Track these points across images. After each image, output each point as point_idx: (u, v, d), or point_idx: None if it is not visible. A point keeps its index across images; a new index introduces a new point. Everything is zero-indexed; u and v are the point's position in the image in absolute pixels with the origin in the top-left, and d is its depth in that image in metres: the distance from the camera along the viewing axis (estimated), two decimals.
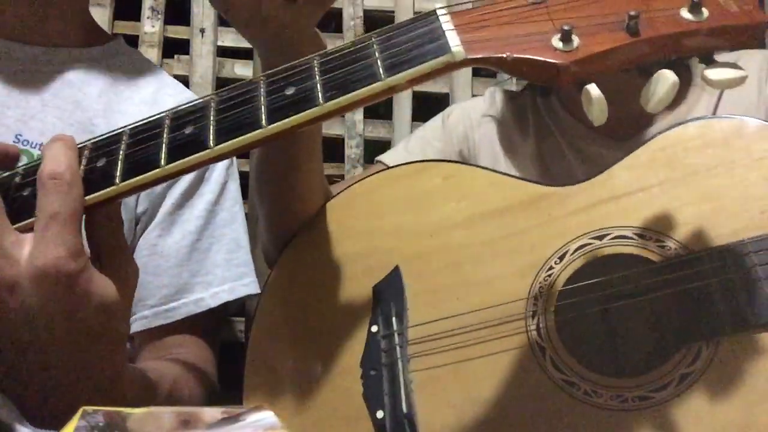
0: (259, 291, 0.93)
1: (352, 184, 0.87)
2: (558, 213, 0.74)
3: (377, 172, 0.89)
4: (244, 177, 1.28)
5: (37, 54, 0.86)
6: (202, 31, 1.37)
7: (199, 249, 0.91)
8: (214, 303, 0.90)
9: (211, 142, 0.48)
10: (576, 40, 0.47)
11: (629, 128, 0.90)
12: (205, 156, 0.48)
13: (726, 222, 0.67)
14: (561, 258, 0.72)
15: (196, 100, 0.52)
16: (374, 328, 0.77)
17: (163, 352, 0.87)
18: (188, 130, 0.49)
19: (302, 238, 0.85)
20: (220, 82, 1.36)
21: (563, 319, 0.69)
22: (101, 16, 1.32)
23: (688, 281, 0.65)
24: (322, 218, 0.85)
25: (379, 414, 0.72)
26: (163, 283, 0.89)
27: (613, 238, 0.70)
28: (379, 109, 1.40)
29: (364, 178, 0.88)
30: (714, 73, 0.48)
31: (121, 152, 0.51)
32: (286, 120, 0.48)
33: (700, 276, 0.65)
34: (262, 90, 0.50)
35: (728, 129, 0.71)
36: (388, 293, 0.78)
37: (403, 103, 1.37)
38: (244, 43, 1.39)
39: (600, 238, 0.71)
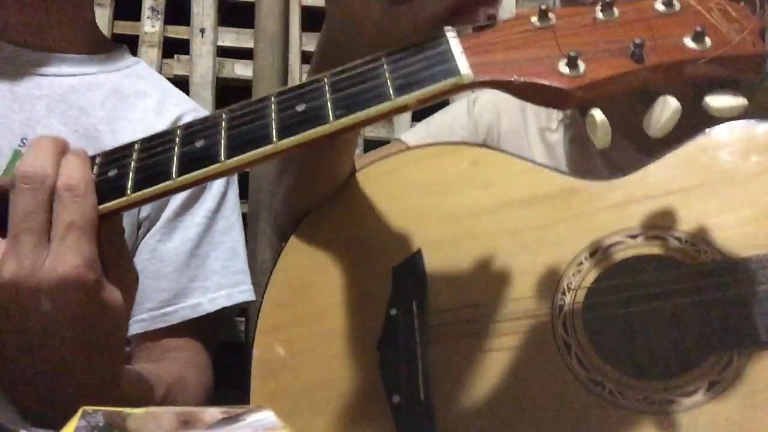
0: (254, 298, 0.96)
1: (375, 161, 0.86)
2: (590, 208, 0.72)
3: (401, 151, 0.87)
4: (243, 177, 1.27)
5: (42, 59, 0.87)
6: (202, 31, 1.37)
7: (198, 255, 0.94)
8: (211, 308, 0.93)
9: (222, 156, 0.50)
10: (582, 66, 0.48)
11: (666, 143, 0.87)
12: (215, 169, 0.50)
13: (765, 229, 0.65)
14: (591, 254, 0.70)
15: (207, 115, 0.54)
16: (393, 311, 0.75)
17: (160, 355, 0.89)
18: (199, 144, 0.51)
19: (319, 213, 0.84)
20: (220, 82, 1.37)
21: (591, 317, 0.67)
22: (101, 16, 1.33)
23: (723, 289, 0.64)
24: (341, 193, 0.84)
25: (395, 398, 0.71)
26: (162, 287, 0.92)
27: (646, 239, 0.68)
28: None
29: (387, 155, 0.87)
30: (715, 101, 0.50)
31: (132, 163, 0.52)
32: (296, 137, 0.49)
33: (735, 284, 0.63)
34: (273, 106, 0.51)
35: None
36: (409, 276, 0.76)
37: None
38: (244, 43, 1.39)
39: (633, 237, 0.69)
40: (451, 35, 0.52)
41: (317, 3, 1.39)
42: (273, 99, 0.52)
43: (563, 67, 0.49)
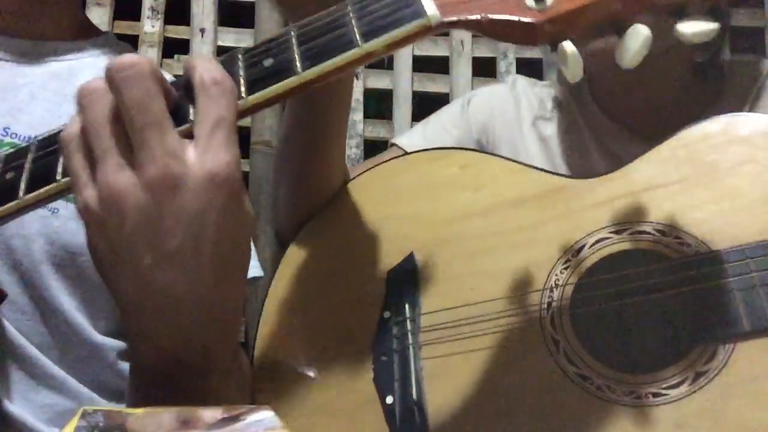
0: (262, 274, 0.93)
1: (370, 168, 0.87)
2: (576, 206, 0.74)
3: (394, 158, 0.88)
4: (243, 177, 1.28)
5: (25, 47, 0.85)
6: (202, 31, 1.37)
7: None
8: None
9: (191, 116, 0.48)
10: None
11: (662, 129, 0.88)
12: (187, 129, 0.47)
13: (748, 221, 0.65)
14: (578, 251, 0.71)
15: (175, 80, 0.52)
16: (386, 314, 0.76)
17: None
18: (174, 106, 0.49)
19: (315, 221, 0.85)
20: None
21: (578, 312, 0.68)
22: (101, 16, 1.33)
23: (707, 280, 0.65)
24: (337, 202, 0.85)
25: (389, 399, 0.72)
26: None
27: (631, 233, 0.69)
28: (379, 109, 1.40)
29: (381, 163, 0.88)
30: (687, 27, 0.49)
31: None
32: (265, 91, 0.48)
33: (720, 275, 0.64)
34: (240, 63, 0.50)
35: (753, 127, 0.70)
36: (402, 280, 0.77)
37: (403, 103, 1.38)
38: (244, 43, 1.39)
39: (618, 232, 0.70)
40: None
41: None
42: (240, 56, 0.50)
43: (530, 2, 0.48)
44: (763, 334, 0.61)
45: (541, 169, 0.79)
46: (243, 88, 0.48)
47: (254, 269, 0.93)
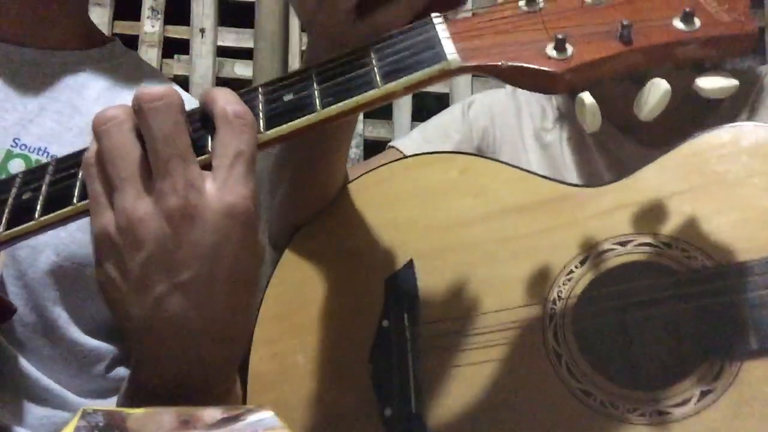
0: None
1: (367, 173, 0.86)
2: (581, 215, 0.72)
3: (392, 161, 0.87)
4: None
5: (34, 57, 0.85)
6: (202, 31, 1.38)
7: None
8: None
9: (209, 147, 0.48)
10: (570, 49, 0.48)
11: (664, 136, 0.88)
12: (205, 160, 0.48)
13: (756, 234, 0.64)
14: (582, 262, 0.69)
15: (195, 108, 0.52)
16: (385, 323, 0.75)
17: None
18: (192, 137, 0.50)
19: (312, 226, 0.84)
20: (220, 82, 1.38)
21: (582, 326, 0.67)
22: (101, 16, 1.34)
23: (714, 295, 0.64)
24: (334, 205, 0.84)
25: (388, 411, 0.70)
26: None
27: (637, 245, 0.68)
28: (379, 109, 1.39)
29: (380, 166, 0.86)
30: (706, 82, 0.49)
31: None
32: (284, 126, 0.49)
33: (727, 291, 0.63)
34: (260, 97, 0.51)
35: (763, 137, 0.68)
36: (401, 288, 0.76)
37: (403, 104, 1.38)
38: (244, 43, 1.40)
39: (623, 244, 0.69)
40: (437, 21, 0.51)
41: None
42: (260, 90, 0.51)
43: (551, 51, 0.48)
44: None
45: (544, 177, 0.78)
46: (262, 122, 0.49)
47: None
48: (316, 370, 0.75)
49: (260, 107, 0.50)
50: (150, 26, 1.37)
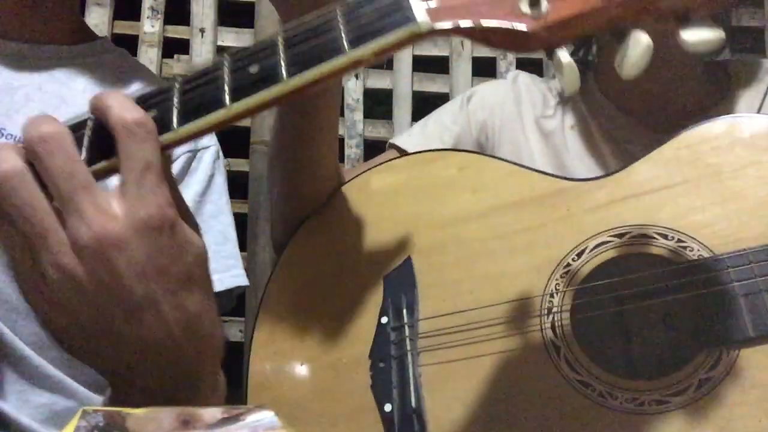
0: (247, 283, 0.93)
1: (366, 171, 0.86)
2: (577, 208, 0.73)
3: (392, 159, 0.87)
4: (243, 176, 1.27)
5: (22, 50, 0.86)
6: (202, 31, 1.37)
7: None
8: None
9: (174, 124, 0.47)
10: (545, 4, 0.46)
11: (673, 122, 0.87)
12: (170, 137, 0.47)
13: (752, 225, 0.65)
14: (579, 255, 0.70)
15: (161, 85, 0.51)
16: (384, 319, 0.75)
17: None
18: (152, 114, 0.48)
19: (312, 223, 0.84)
20: None
21: (580, 318, 0.67)
22: (101, 16, 1.33)
23: (710, 285, 0.64)
24: (333, 204, 0.84)
25: (387, 407, 0.71)
26: None
27: (633, 237, 0.68)
28: (379, 109, 1.39)
29: (378, 164, 0.87)
30: (690, 35, 0.47)
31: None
32: (249, 99, 0.47)
33: (723, 280, 0.63)
34: (226, 69, 0.49)
35: (757, 128, 0.69)
36: (400, 284, 0.76)
37: (403, 103, 1.38)
38: (244, 43, 1.39)
39: (620, 236, 0.69)
40: None
41: None
42: (226, 62, 0.49)
43: (525, 7, 0.46)
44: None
45: (541, 171, 0.78)
46: (227, 96, 0.47)
47: (239, 278, 0.92)
48: (316, 368, 0.75)
49: (226, 79, 0.48)
50: (150, 26, 1.36)
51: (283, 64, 0.47)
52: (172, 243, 0.45)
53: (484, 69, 1.41)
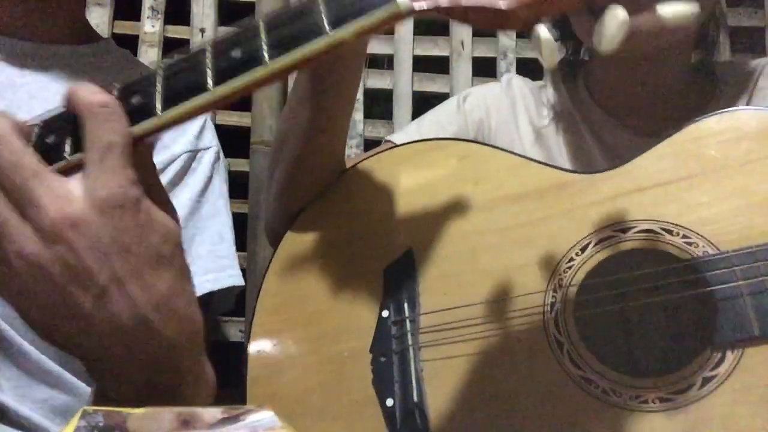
0: (243, 283, 0.93)
1: (363, 160, 0.85)
2: (580, 202, 0.72)
3: (391, 147, 0.86)
4: (243, 176, 1.26)
5: (26, 49, 0.86)
6: (202, 31, 1.37)
7: (183, 239, 0.91)
8: (198, 292, 0.90)
9: (158, 110, 0.48)
10: None
11: (659, 125, 0.87)
12: (153, 122, 0.47)
13: (758, 221, 0.64)
14: (583, 250, 0.69)
15: (146, 73, 0.51)
16: (385, 313, 0.75)
17: None
18: (135, 100, 0.49)
19: (308, 214, 0.83)
20: None
21: (583, 314, 0.67)
22: (101, 15, 1.33)
23: (716, 282, 0.63)
24: (332, 192, 0.83)
25: (389, 402, 0.70)
26: None
27: (637, 232, 0.68)
28: (379, 109, 1.39)
29: (378, 152, 0.86)
30: (667, 8, 0.48)
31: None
32: (232, 82, 0.48)
33: (728, 278, 0.63)
34: (209, 54, 0.49)
35: (764, 122, 0.68)
36: (400, 277, 0.76)
37: (403, 103, 1.37)
38: None
39: (624, 231, 0.68)
40: None
41: None
42: (208, 47, 0.50)
43: None
44: None
45: (543, 163, 0.78)
46: (210, 80, 0.48)
47: (234, 277, 0.93)
48: (317, 361, 0.75)
49: (208, 64, 0.48)
50: (150, 26, 1.36)
51: (265, 47, 0.48)
52: (135, 222, 0.45)
53: (484, 69, 1.40)
